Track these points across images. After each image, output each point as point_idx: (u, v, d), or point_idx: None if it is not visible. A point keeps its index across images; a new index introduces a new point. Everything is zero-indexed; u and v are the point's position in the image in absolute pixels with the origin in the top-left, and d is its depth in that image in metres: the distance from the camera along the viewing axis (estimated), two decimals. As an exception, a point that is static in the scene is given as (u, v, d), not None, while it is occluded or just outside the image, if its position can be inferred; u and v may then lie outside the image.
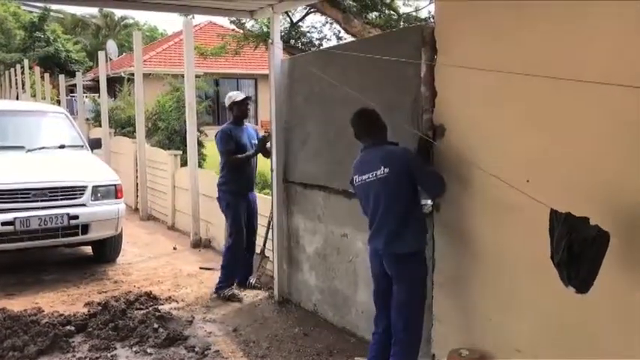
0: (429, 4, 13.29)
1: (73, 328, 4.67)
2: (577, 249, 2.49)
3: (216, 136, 5.64)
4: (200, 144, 12.86)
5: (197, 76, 16.47)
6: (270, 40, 5.31)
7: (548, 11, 2.88)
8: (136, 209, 10.00)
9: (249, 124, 5.87)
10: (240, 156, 5.57)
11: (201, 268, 6.62)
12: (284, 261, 5.41)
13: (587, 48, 2.72)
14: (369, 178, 3.50)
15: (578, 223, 2.51)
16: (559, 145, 2.88)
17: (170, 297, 5.58)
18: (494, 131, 3.23)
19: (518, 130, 3.09)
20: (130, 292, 5.66)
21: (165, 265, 6.78)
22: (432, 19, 13.30)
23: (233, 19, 15.13)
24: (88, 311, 5.06)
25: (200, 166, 11.80)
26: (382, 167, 3.43)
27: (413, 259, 3.48)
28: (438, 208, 3.66)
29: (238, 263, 5.72)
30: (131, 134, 12.61)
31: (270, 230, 5.72)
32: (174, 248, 7.61)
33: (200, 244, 7.64)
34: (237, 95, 5.76)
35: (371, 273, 3.72)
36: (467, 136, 3.40)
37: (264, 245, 5.96)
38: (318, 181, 4.83)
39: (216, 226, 7.43)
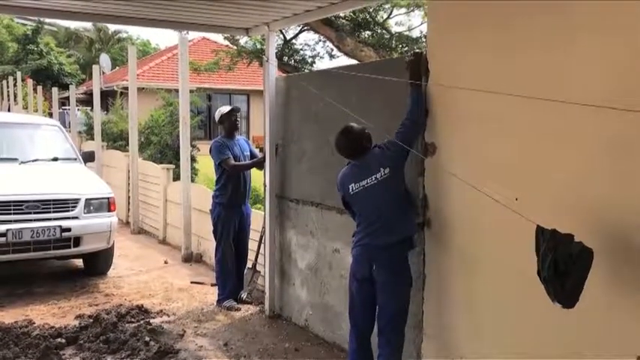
0: (421, 24, 13.50)
1: (63, 340, 4.68)
2: (562, 266, 2.56)
3: (210, 149, 5.70)
4: (192, 159, 12.92)
5: (190, 91, 16.67)
6: (265, 58, 5.40)
7: (538, 33, 2.98)
8: (127, 222, 10.01)
9: (240, 136, 5.93)
10: (242, 163, 5.62)
11: (192, 282, 6.63)
12: (276, 275, 5.45)
13: (574, 69, 2.81)
14: (368, 183, 3.59)
15: (564, 239, 2.58)
16: (547, 164, 2.97)
17: (161, 311, 5.59)
18: (483, 149, 3.31)
19: (507, 148, 3.17)
20: (121, 305, 5.67)
21: (156, 279, 6.79)
22: (423, 39, 13.53)
23: (227, 35, 15.30)
24: (79, 324, 5.06)
25: (192, 180, 11.88)
26: (382, 169, 3.54)
27: (410, 242, 3.61)
28: (430, 224, 3.72)
29: (231, 273, 5.75)
30: (123, 148, 12.64)
31: (262, 245, 5.76)
32: (166, 262, 7.62)
33: (191, 258, 7.66)
34: (226, 108, 5.84)
35: (352, 280, 3.75)
36: (457, 153, 3.48)
37: (256, 260, 5.99)
38: (313, 198, 4.89)
39: (208, 240, 7.44)
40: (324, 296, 4.82)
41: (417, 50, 3.80)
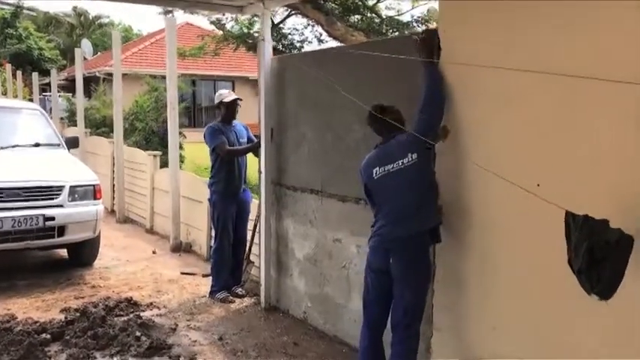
0: (412, 8, 13.26)
1: (48, 336, 4.41)
2: (599, 254, 2.36)
3: (204, 134, 5.44)
4: (179, 146, 12.60)
5: (163, 77, 16.25)
6: (260, 37, 5.12)
7: (561, 5, 2.75)
8: (113, 211, 9.69)
9: (237, 122, 5.67)
10: (236, 147, 5.38)
11: (182, 273, 6.37)
12: (272, 266, 5.22)
13: (599, 45, 2.59)
14: (393, 167, 3.37)
15: (598, 225, 2.38)
16: (572, 145, 2.75)
17: (152, 303, 5.33)
18: (502, 132, 3.09)
19: (528, 130, 2.95)
20: (109, 297, 5.41)
21: (144, 270, 6.51)
22: (415, 23, 13.28)
23: (213, 19, 14.95)
24: (65, 318, 4.79)
25: (179, 168, 11.59)
26: (409, 154, 3.32)
27: (434, 235, 3.38)
28: (441, 216, 3.50)
29: (227, 264, 5.52)
30: (106, 134, 12.27)
31: (257, 234, 5.52)
32: (154, 252, 7.35)
33: (180, 248, 7.38)
34: (227, 95, 5.56)
35: (368, 271, 3.52)
36: (472, 137, 3.25)
37: (250, 250, 5.76)
38: (312, 185, 4.65)
39: (198, 229, 7.20)
40: (324, 287, 4.60)
41: (429, 27, 3.56)
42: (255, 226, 5.76)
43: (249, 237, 5.71)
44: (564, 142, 2.78)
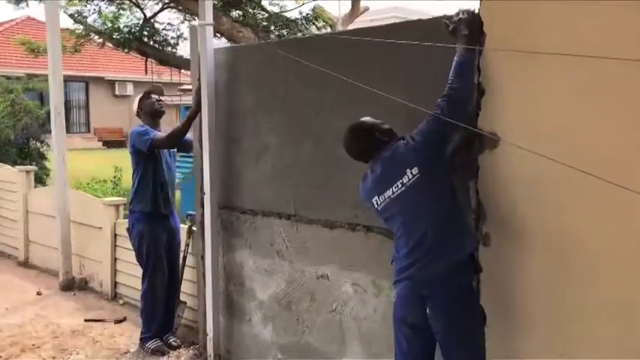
0: (299, 6, 12.55)
1: None
2: None
3: (129, 137, 4.31)
4: (42, 157, 10.85)
5: (17, 78, 14.24)
6: (196, 21, 4.04)
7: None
8: (-32, 241, 7.88)
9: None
10: (175, 128, 4.29)
11: (87, 320, 5.06)
12: (220, 310, 4.18)
13: None
14: (394, 192, 2.62)
15: None
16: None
17: (60, 370, 4.08)
18: (576, 139, 2.41)
19: (616, 136, 2.31)
20: (-2, 369, 4.06)
21: (35, 320, 5.09)
22: (303, 21, 12.58)
23: (72, 12, 13.23)
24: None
25: (43, 183, 9.87)
26: (408, 170, 2.57)
27: (472, 263, 2.64)
28: (488, 242, 2.75)
29: (160, 306, 4.40)
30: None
31: (186, 268, 4.47)
32: (39, 293, 5.88)
33: (73, 285, 5.99)
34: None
35: (400, 325, 2.70)
36: (532, 147, 2.51)
37: (179, 287, 4.67)
38: (281, 208, 3.71)
39: (96, 261, 5.88)
40: (304, 336, 3.68)
41: (466, 8, 2.80)
42: (184, 257, 4.70)
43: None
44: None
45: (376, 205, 2.71)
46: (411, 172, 2.56)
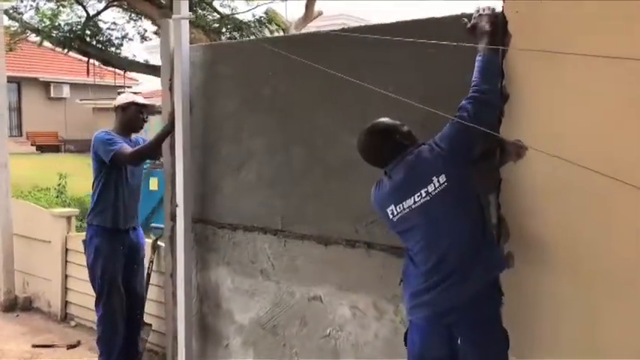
0: (255, 7, 12.19)
1: None
2: None
3: (92, 144, 3.83)
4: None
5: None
6: (172, 14, 3.63)
7: None
8: None
9: (140, 136, 4.12)
10: (143, 145, 3.89)
11: (35, 346, 4.54)
12: (194, 333, 3.78)
13: None
14: (415, 202, 2.33)
15: None
16: None
17: (9, 408, 3.58)
18: (610, 148, 2.21)
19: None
20: None
21: (-26, 348, 4.56)
22: (256, 23, 12.20)
23: (7, 7, 12.42)
24: None
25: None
26: (435, 178, 2.30)
27: (495, 286, 2.38)
28: (511, 262, 2.51)
29: (120, 331, 3.94)
30: None
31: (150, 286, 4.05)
32: (-24, 315, 5.31)
33: (16, 305, 5.42)
34: (126, 97, 4.01)
35: None
36: (562, 154, 2.26)
37: (143, 309, 4.23)
38: (265, 222, 3.36)
39: (43, 279, 5.34)
40: (292, 363, 3.34)
41: (488, 7, 2.55)
42: (148, 275, 4.28)
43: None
44: None
45: (391, 216, 2.42)
46: (438, 180, 2.29)
